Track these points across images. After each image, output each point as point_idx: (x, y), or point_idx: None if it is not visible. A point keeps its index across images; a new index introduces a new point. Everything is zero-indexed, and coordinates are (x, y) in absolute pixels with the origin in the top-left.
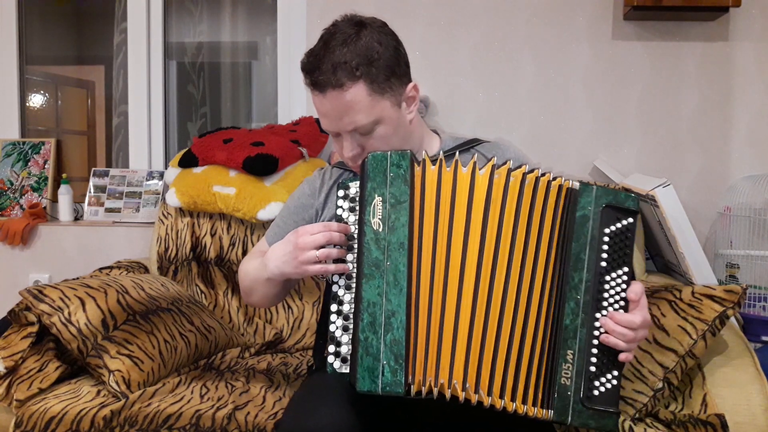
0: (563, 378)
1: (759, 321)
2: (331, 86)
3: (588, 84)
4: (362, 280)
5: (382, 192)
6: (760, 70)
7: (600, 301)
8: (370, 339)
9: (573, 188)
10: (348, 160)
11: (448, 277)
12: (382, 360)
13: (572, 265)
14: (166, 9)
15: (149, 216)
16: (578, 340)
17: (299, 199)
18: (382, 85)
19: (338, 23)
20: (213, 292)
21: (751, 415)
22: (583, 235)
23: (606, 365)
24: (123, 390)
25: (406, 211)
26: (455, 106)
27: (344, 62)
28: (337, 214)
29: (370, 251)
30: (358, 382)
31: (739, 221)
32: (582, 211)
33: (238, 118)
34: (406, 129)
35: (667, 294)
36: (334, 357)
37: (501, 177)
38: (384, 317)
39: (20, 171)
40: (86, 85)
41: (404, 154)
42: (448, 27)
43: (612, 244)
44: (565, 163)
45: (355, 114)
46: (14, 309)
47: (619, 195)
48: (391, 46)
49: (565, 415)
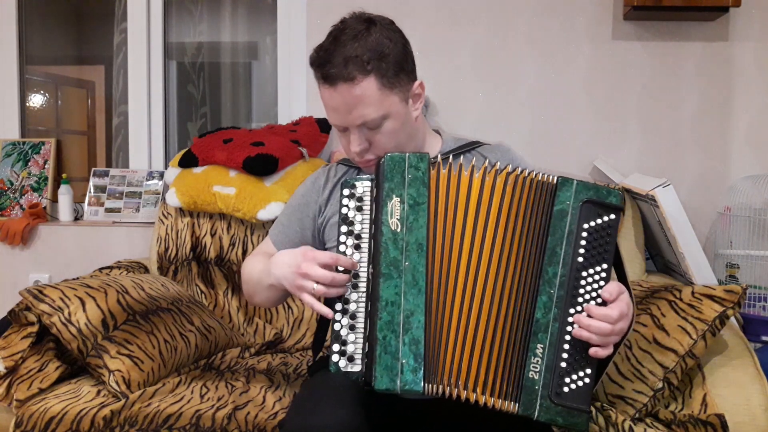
0: (531, 372)
1: (759, 321)
2: (342, 79)
3: (588, 84)
4: (380, 279)
5: (400, 193)
6: (759, 70)
7: (575, 297)
8: (388, 338)
9: (550, 182)
10: (354, 156)
11: (458, 277)
12: (401, 359)
13: (547, 259)
14: (166, 9)
15: (149, 216)
16: (549, 334)
17: (303, 196)
18: (391, 80)
19: (347, 20)
20: (213, 292)
21: (751, 415)
22: (559, 229)
23: (578, 362)
24: (123, 390)
25: (425, 213)
26: (455, 106)
27: (356, 56)
28: (342, 213)
29: (387, 251)
30: (376, 380)
31: (739, 221)
32: (560, 206)
33: (238, 118)
34: (412, 126)
35: (667, 294)
36: (339, 356)
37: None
38: (403, 316)
39: (20, 171)
40: (86, 85)
41: (422, 156)
42: (448, 27)
43: (591, 240)
44: (565, 163)
45: (365, 108)
46: (14, 309)
47: (601, 190)
48: (399, 43)
49: (532, 409)
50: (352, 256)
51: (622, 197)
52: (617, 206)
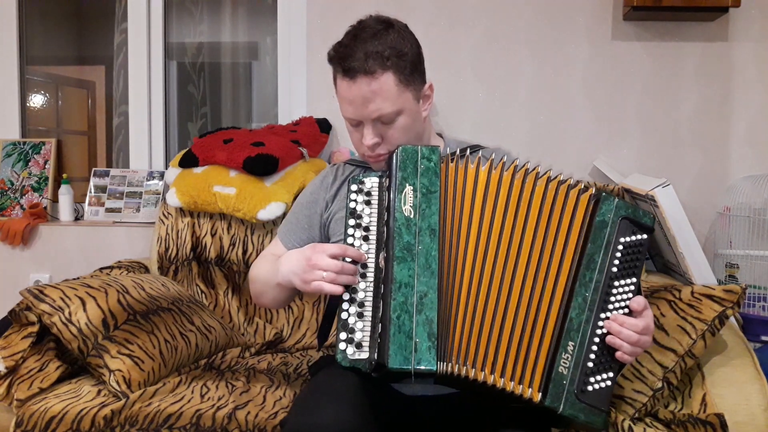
0: (561, 366)
1: (758, 321)
2: (363, 72)
3: (588, 84)
4: (394, 263)
5: (413, 182)
6: (759, 70)
7: (606, 303)
8: (402, 318)
9: (596, 195)
10: (367, 150)
11: (475, 263)
12: (414, 338)
13: (585, 264)
14: (166, 9)
15: (150, 216)
16: (581, 334)
17: (311, 194)
18: (407, 78)
19: (365, 20)
20: (213, 292)
21: (751, 414)
22: (599, 238)
23: (603, 364)
24: (123, 389)
25: (437, 200)
26: (455, 106)
27: (376, 52)
28: (350, 207)
29: (401, 235)
30: (390, 359)
31: (739, 221)
32: (601, 217)
33: (238, 119)
34: (421, 124)
35: (667, 294)
36: (347, 344)
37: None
38: (416, 297)
39: (21, 171)
40: (87, 85)
41: (434, 149)
42: (448, 27)
43: (625, 253)
44: (564, 163)
45: (382, 102)
46: (15, 309)
47: (638, 211)
48: (415, 45)
49: (558, 402)
50: (360, 247)
51: (654, 220)
52: (650, 227)
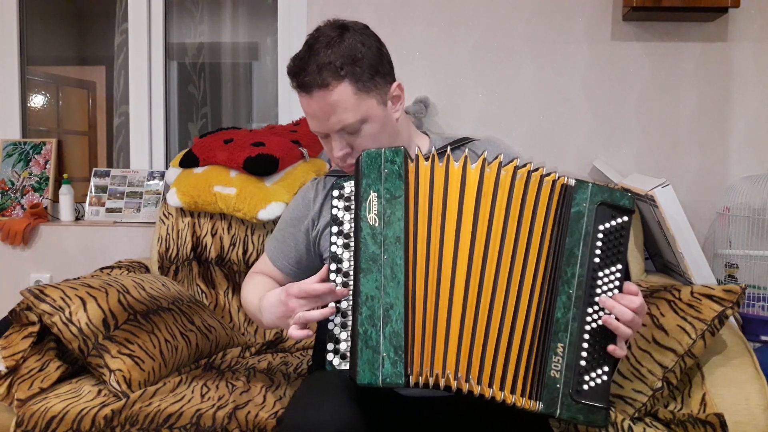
0: (553, 371)
1: (758, 321)
2: (317, 86)
3: (587, 84)
4: (360, 275)
5: (377, 188)
6: (758, 70)
7: (592, 297)
8: (369, 332)
9: (568, 184)
10: (338, 160)
11: (442, 269)
12: (381, 352)
13: (565, 259)
14: (166, 10)
15: (150, 216)
16: (569, 333)
17: (294, 210)
18: (367, 84)
19: (321, 28)
20: (214, 292)
21: (750, 414)
22: (577, 230)
23: (596, 360)
24: (124, 389)
25: (402, 206)
26: (455, 106)
27: (329, 63)
28: (333, 214)
29: (366, 246)
30: (359, 375)
31: (738, 221)
32: (577, 207)
33: (238, 119)
34: (394, 127)
35: (666, 294)
36: (333, 354)
37: (492, 171)
38: (382, 310)
39: (21, 171)
40: (87, 85)
41: (398, 150)
42: (448, 27)
43: (606, 240)
44: (564, 163)
45: (342, 113)
46: (15, 309)
47: (615, 193)
48: (374, 47)
49: (554, 407)
50: (342, 255)
51: (633, 200)
52: (629, 209)
